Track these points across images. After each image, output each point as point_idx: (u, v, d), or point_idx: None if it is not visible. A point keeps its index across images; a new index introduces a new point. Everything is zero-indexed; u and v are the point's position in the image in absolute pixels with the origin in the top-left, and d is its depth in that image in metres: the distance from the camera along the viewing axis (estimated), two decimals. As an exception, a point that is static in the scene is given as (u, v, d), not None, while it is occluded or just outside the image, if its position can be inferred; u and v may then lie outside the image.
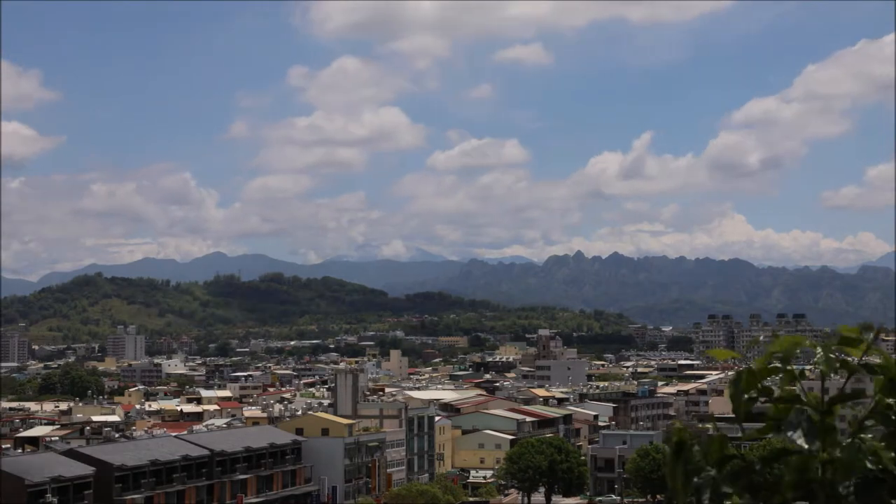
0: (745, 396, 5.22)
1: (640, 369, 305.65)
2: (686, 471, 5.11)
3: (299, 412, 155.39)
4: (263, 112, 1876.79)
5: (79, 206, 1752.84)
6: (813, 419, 5.09)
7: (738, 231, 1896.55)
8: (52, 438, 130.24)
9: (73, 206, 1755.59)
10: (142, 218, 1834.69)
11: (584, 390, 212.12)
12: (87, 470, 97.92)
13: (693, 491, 5.06)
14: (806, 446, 4.99)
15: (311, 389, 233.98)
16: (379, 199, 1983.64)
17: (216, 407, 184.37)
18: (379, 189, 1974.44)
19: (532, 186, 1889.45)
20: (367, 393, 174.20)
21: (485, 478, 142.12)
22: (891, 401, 5.14)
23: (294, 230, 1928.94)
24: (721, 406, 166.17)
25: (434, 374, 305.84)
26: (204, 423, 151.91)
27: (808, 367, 6.60)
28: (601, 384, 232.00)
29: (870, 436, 5.04)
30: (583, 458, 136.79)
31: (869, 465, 4.88)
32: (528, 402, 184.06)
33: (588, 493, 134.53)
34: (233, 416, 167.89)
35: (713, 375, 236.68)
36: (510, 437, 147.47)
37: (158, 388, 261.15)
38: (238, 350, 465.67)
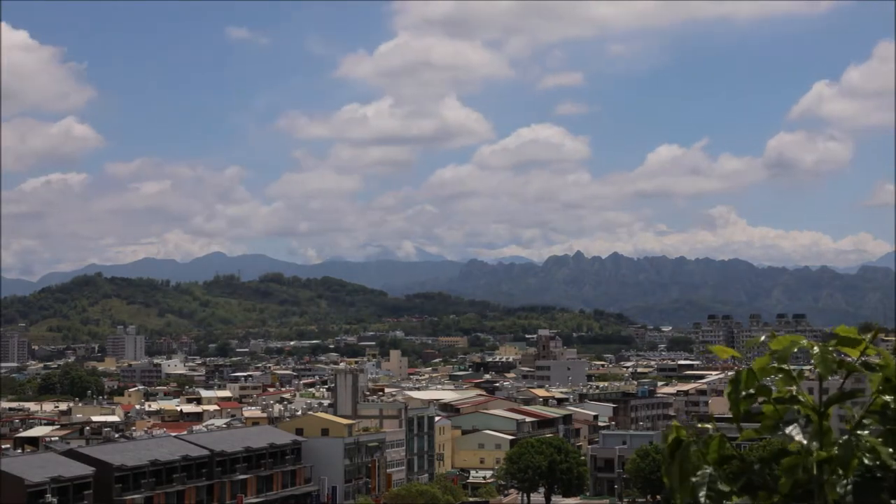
0: (744, 394, 5.23)
1: (639, 369, 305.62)
2: (683, 469, 5.11)
3: (299, 412, 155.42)
4: (320, 103, 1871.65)
5: (120, 203, 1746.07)
6: (810, 419, 5.09)
7: (738, 231, 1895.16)
8: (52, 438, 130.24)
9: (114, 203, 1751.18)
10: (182, 216, 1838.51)
11: (584, 390, 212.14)
12: (87, 470, 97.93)
13: (690, 489, 5.06)
14: (803, 445, 5.00)
15: (310, 389, 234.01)
16: (429, 197, 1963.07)
17: (216, 407, 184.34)
18: (433, 187, 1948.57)
19: (586, 183, 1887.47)
20: (367, 393, 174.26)
21: (485, 478, 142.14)
22: (888, 398, 5.15)
23: (334, 230, 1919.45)
24: (721, 406, 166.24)
25: (434, 375, 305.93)
26: (204, 424, 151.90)
27: (807, 367, 6.63)
28: (601, 384, 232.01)
29: (867, 432, 5.05)
30: (582, 458, 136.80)
31: (867, 462, 4.92)
32: (527, 402, 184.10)
33: (588, 494, 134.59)
34: (233, 416, 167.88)
35: (713, 375, 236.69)
36: (510, 437, 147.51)
37: (158, 388, 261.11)
38: (238, 350, 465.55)
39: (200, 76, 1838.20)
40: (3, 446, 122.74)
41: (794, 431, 5.05)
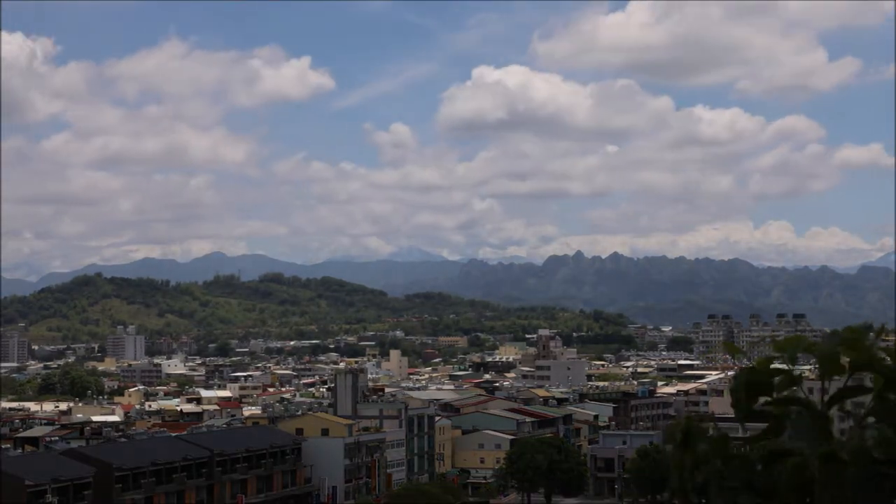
0: (746, 395, 5.23)
1: (639, 369, 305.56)
2: (692, 462, 5.11)
3: (299, 412, 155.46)
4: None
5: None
6: (812, 419, 5.09)
7: (738, 231, 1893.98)
8: (52, 438, 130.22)
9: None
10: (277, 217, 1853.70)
11: (584, 390, 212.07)
12: (87, 470, 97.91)
13: (699, 484, 5.06)
14: (805, 446, 5.00)
15: (310, 389, 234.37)
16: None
17: (216, 407, 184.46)
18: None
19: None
20: (367, 393, 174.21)
21: (485, 478, 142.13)
22: (891, 396, 5.15)
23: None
24: (721, 406, 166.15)
25: (434, 374, 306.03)
26: (204, 423, 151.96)
27: (807, 367, 6.62)
28: (601, 384, 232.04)
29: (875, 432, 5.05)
30: (583, 458, 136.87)
31: (875, 455, 4.91)
32: (527, 402, 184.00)
33: (588, 494, 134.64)
34: (233, 416, 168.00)
35: (713, 375, 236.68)
36: (510, 437, 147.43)
37: (158, 388, 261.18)
38: (238, 350, 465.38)
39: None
40: (3, 446, 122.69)
41: (795, 435, 5.05)
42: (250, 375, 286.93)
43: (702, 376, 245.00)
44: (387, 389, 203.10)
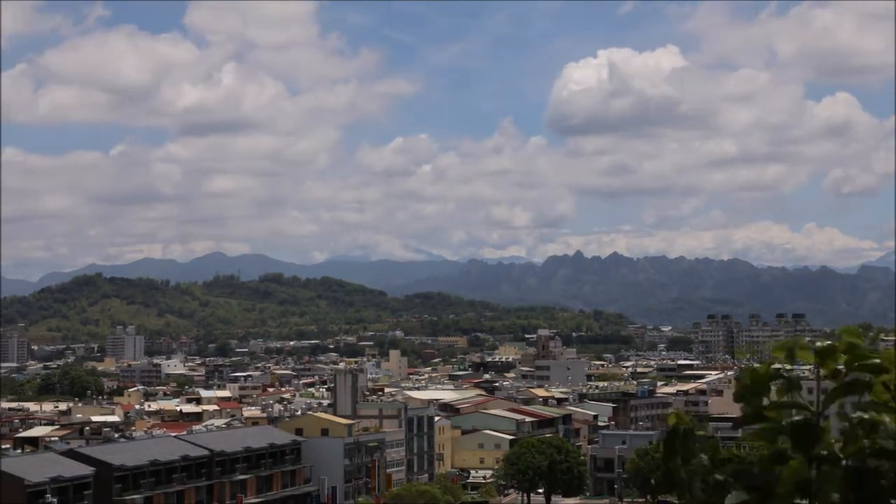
0: (750, 397, 5.24)
1: (639, 369, 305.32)
2: (684, 455, 5.12)
3: (299, 412, 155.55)
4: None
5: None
6: (809, 420, 5.10)
7: (738, 231, 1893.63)
8: (52, 439, 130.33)
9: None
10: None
11: (584, 390, 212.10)
12: (87, 470, 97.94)
13: (686, 478, 5.07)
14: (801, 447, 5.00)
15: (310, 389, 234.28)
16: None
17: (216, 407, 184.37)
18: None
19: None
20: (367, 393, 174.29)
21: (484, 478, 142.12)
22: (888, 396, 5.16)
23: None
24: (720, 406, 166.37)
25: (433, 374, 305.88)
26: (203, 424, 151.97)
27: (806, 367, 6.61)
28: (600, 384, 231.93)
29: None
30: (582, 458, 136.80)
31: (866, 444, 4.91)
32: (527, 402, 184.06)
33: (588, 494, 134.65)
34: (232, 416, 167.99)
35: (712, 375, 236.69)
36: (510, 437, 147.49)
37: (158, 388, 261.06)
38: (237, 350, 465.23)
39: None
40: (3, 446, 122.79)
41: (792, 432, 5.06)
42: (250, 375, 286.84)
43: (701, 376, 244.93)
44: (386, 389, 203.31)
